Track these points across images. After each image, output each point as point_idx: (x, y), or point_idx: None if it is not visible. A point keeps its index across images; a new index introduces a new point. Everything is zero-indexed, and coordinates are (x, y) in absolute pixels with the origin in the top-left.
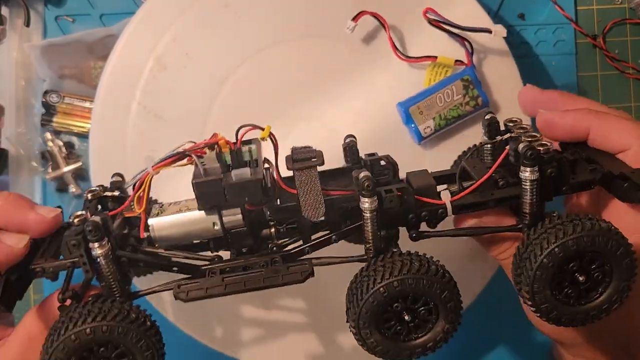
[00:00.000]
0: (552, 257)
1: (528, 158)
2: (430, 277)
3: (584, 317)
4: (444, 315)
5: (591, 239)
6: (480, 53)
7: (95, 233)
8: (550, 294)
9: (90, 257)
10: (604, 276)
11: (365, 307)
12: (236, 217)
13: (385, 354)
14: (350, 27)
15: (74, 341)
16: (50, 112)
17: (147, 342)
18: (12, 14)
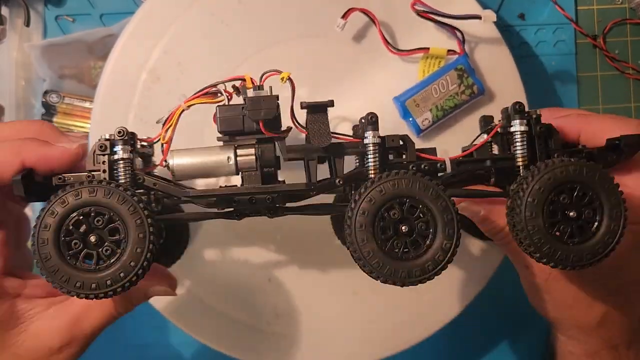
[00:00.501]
0: (542, 183)
1: (517, 111)
2: (425, 181)
3: (578, 257)
4: (441, 229)
5: (579, 169)
6: (471, 41)
7: (123, 135)
8: (543, 226)
9: (111, 166)
10: (594, 214)
11: (362, 208)
12: (249, 157)
13: (381, 268)
14: (340, 25)
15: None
16: (50, 112)
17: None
18: (12, 14)
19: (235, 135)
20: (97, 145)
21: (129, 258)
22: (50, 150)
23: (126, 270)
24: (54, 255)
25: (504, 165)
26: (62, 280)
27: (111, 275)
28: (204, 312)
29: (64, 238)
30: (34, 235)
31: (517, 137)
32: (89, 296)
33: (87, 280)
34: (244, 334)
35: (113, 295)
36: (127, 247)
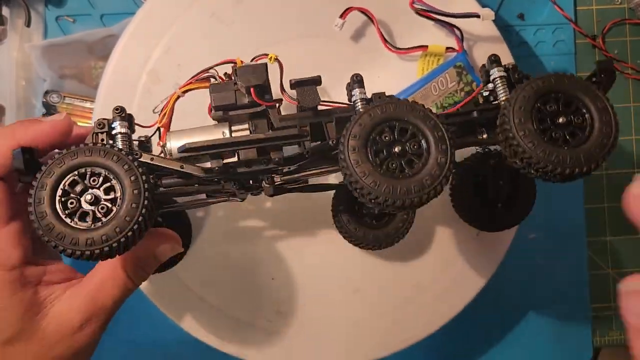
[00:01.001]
0: (526, 92)
1: (493, 60)
2: (412, 104)
3: (576, 159)
4: (434, 146)
5: (559, 78)
6: (470, 39)
7: (120, 112)
8: (533, 130)
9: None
10: (584, 120)
11: (353, 133)
12: (244, 132)
13: (379, 187)
14: (338, 24)
15: (59, 165)
16: (50, 112)
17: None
18: (12, 14)
19: (228, 110)
20: (96, 124)
21: (125, 214)
22: (41, 125)
23: (122, 226)
24: (50, 213)
25: (490, 115)
26: (58, 238)
27: (107, 231)
28: (205, 310)
29: (60, 197)
30: (31, 194)
31: (497, 83)
32: (84, 253)
33: (82, 238)
34: (245, 331)
35: (109, 252)
36: (122, 204)
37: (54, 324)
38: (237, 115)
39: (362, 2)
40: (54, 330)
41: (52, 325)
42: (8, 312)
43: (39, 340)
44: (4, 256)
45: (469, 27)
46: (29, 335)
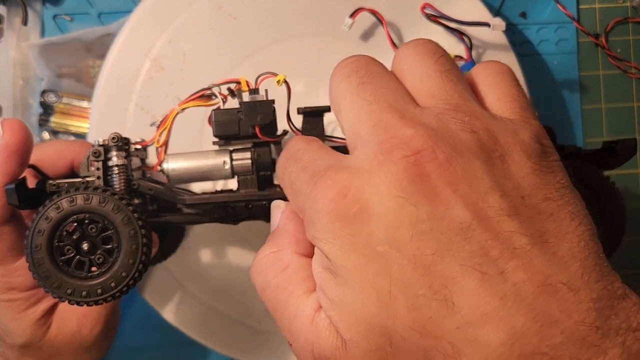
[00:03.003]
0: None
1: None
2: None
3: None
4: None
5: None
6: (479, 48)
7: (117, 141)
8: None
9: (106, 172)
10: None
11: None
12: (245, 161)
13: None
14: (347, 24)
15: (58, 210)
16: (48, 112)
17: (134, 224)
18: (10, 13)
19: (230, 139)
20: (91, 152)
21: (121, 268)
22: None
23: (117, 280)
24: (47, 260)
25: None
26: (54, 287)
27: (102, 284)
28: (195, 308)
29: (57, 244)
30: (28, 239)
31: None
32: (80, 303)
33: (78, 288)
34: (235, 331)
35: (104, 303)
36: (119, 257)
37: (55, 330)
38: (240, 142)
39: (372, 3)
40: (57, 336)
41: (54, 331)
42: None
43: (49, 347)
44: (21, 281)
45: (478, 35)
46: (40, 343)
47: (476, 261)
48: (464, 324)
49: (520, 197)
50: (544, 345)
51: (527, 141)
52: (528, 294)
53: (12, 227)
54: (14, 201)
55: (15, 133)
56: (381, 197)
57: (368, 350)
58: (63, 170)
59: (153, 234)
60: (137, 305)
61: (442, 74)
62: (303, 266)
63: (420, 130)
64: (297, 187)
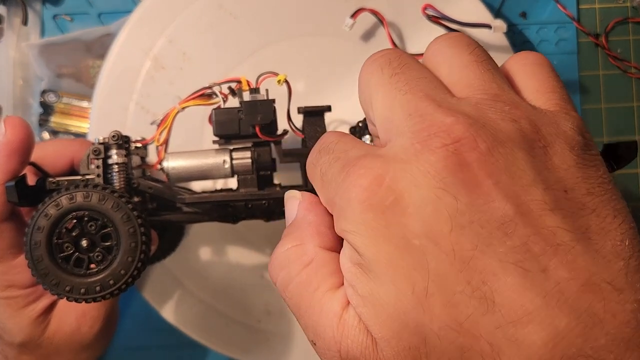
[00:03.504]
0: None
1: None
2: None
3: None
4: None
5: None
6: None
7: (117, 139)
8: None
9: (105, 170)
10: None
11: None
12: (245, 160)
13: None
14: (348, 24)
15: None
16: (47, 112)
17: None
18: (10, 13)
19: (231, 139)
20: (91, 150)
21: (120, 266)
22: None
23: (116, 278)
24: (46, 257)
25: None
26: (53, 284)
27: (101, 282)
28: (194, 307)
29: (56, 241)
30: (27, 236)
31: None
32: (78, 300)
33: (77, 285)
34: (234, 330)
35: (102, 300)
36: (118, 255)
37: (54, 328)
38: (240, 141)
39: (373, 4)
40: (56, 334)
41: (53, 329)
42: (20, 321)
43: (47, 345)
44: (20, 278)
45: (479, 36)
46: (38, 341)
47: (518, 257)
48: (504, 323)
49: (563, 190)
50: (587, 347)
51: (569, 133)
52: (571, 292)
53: (11, 225)
54: (14, 198)
55: (17, 131)
56: (418, 187)
57: (401, 349)
58: (63, 168)
59: (152, 232)
60: (136, 305)
61: (478, 64)
62: (328, 260)
63: (460, 118)
64: (328, 178)
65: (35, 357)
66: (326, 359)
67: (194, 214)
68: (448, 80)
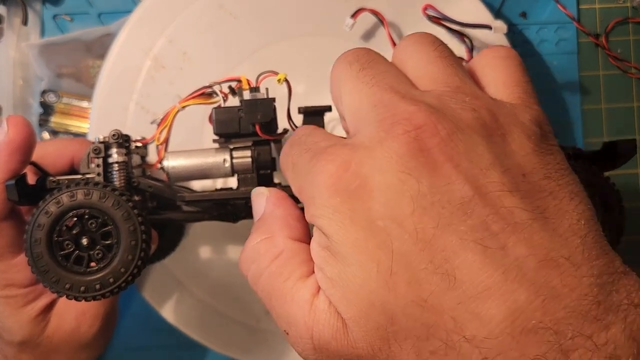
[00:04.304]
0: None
1: None
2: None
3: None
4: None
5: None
6: (480, 49)
7: (117, 138)
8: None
9: (106, 169)
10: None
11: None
12: (245, 159)
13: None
14: (348, 24)
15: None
16: (47, 112)
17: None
18: (10, 13)
19: (231, 138)
20: (91, 149)
21: (120, 264)
22: None
23: (116, 276)
24: (46, 255)
25: None
26: (53, 281)
27: (101, 280)
28: (194, 307)
29: (56, 238)
30: (27, 233)
31: None
32: (78, 298)
33: (77, 283)
34: (234, 330)
35: (102, 298)
36: (118, 253)
37: (53, 327)
38: (240, 140)
39: (373, 4)
40: (55, 333)
41: (52, 328)
42: (20, 319)
43: (47, 344)
44: (19, 277)
45: (479, 37)
46: (38, 340)
47: (478, 235)
48: (466, 299)
49: (521, 174)
50: (547, 320)
51: (527, 124)
52: (530, 268)
53: (11, 223)
54: (14, 197)
55: (19, 130)
56: (382, 172)
57: (369, 329)
58: (63, 167)
59: (152, 231)
60: (136, 305)
61: (442, 59)
62: (297, 251)
63: (422, 107)
64: (299, 167)
65: (35, 355)
66: (299, 347)
67: (194, 212)
68: (413, 75)
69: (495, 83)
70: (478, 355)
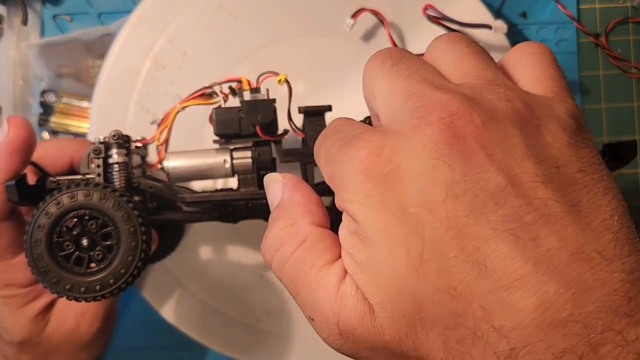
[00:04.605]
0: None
1: None
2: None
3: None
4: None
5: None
6: None
7: (118, 138)
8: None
9: (106, 169)
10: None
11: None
12: (246, 160)
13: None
14: (349, 24)
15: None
16: (47, 112)
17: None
18: (10, 13)
19: (231, 138)
20: (91, 149)
21: (120, 265)
22: None
23: (116, 277)
24: (46, 255)
25: None
26: (53, 282)
27: (101, 281)
28: (194, 307)
29: (56, 239)
30: (27, 234)
31: None
32: (78, 299)
33: (77, 284)
34: (234, 330)
35: (102, 299)
36: (118, 254)
37: (53, 327)
38: (240, 141)
39: (373, 4)
40: (55, 333)
41: (52, 328)
42: (19, 319)
43: (46, 344)
44: (19, 277)
45: (479, 37)
46: (37, 340)
47: (510, 225)
48: (496, 288)
49: (555, 166)
50: (576, 313)
51: (562, 116)
52: (561, 260)
53: (11, 224)
54: (14, 197)
55: (19, 130)
56: (415, 157)
57: (396, 315)
58: (63, 168)
59: (152, 231)
60: (136, 305)
61: (474, 54)
62: (321, 237)
63: (457, 95)
64: (331, 155)
65: (34, 355)
66: (324, 333)
67: (195, 213)
68: (446, 71)
69: (529, 77)
70: (506, 345)
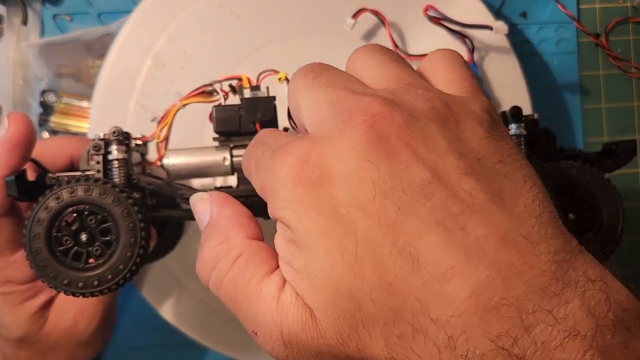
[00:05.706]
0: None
1: (514, 115)
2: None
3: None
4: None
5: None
6: (481, 50)
7: (118, 135)
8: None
9: (106, 166)
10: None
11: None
12: None
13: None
14: (350, 24)
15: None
16: (47, 112)
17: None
18: (10, 13)
19: (231, 136)
20: (91, 145)
21: (118, 261)
22: None
23: (114, 273)
24: (45, 250)
25: None
26: (51, 276)
27: (99, 276)
28: (193, 306)
29: (55, 234)
30: (26, 228)
31: None
32: (76, 294)
33: (75, 279)
34: (233, 330)
35: (100, 295)
36: (117, 249)
37: (52, 324)
38: (240, 138)
39: (374, 4)
40: (53, 330)
41: (50, 325)
42: (18, 316)
43: (45, 341)
44: (18, 274)
45: (480, 37)
46: (36, 337)
47: (438, 217)
48: (429, 280)
49: (476, 158)
50: (508, 296)
51: (478, 112)
52: (490, 247)
53: (10, 220)
54: (14, 193)
55: (20, 126)
56: (343, 160)
57: (337, 317)
58: (62, 165)
59: (151, 228)
60: (135, 304)
61: (392, 61)
62: (257, 250)
63: (378, 98)
64: (261, 165)
65: (33, 353)
66: (269, 346)
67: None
68: (367, 78)
69: (444, 80)
70: (444, 335)
